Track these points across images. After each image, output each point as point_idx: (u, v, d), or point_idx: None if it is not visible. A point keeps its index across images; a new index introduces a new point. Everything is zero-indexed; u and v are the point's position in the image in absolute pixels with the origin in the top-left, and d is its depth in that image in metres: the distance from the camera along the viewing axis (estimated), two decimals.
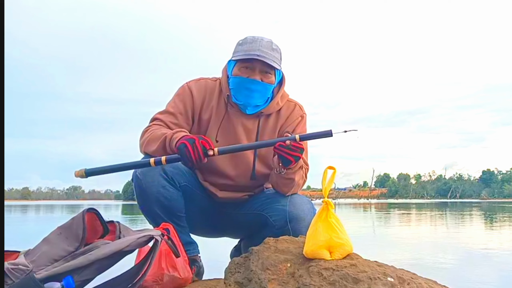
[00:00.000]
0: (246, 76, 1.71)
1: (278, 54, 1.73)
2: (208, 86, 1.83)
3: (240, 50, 1.72)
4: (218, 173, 1.83)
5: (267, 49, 1.69)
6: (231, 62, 1.77)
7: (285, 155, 1.57)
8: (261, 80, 1.71)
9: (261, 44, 1.69)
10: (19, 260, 1.18)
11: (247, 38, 1.73)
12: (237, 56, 1.72)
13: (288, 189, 1.76)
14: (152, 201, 1.71)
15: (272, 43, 1.72)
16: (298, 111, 1.87)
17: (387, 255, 3.56)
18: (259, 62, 1.69)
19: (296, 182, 1.74)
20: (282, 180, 1.72)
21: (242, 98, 1.74)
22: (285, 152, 1.56)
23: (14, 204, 39.11)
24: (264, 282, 1.21)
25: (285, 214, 1.70)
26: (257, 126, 1.81)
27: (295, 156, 1.58)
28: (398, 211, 14.54)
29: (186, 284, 1.54)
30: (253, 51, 1.68)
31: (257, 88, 1.72)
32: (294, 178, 1.71)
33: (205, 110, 1.82)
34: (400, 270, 1.23)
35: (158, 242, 1.29)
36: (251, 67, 1.71)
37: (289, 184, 1.74)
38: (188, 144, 1.51)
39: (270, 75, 1.73)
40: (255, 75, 1.71)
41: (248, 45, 1.70)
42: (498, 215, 11.47)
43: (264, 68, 1.71)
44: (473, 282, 2.49)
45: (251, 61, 1.69)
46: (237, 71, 1.73)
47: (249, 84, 1.71)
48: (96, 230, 1.32)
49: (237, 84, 1.73)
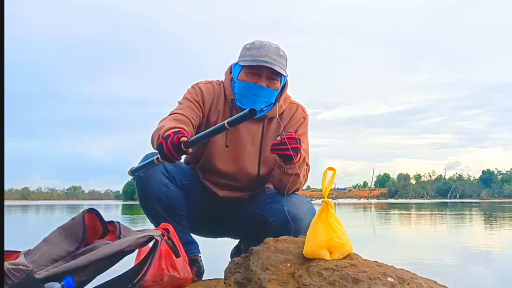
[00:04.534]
0: (253, 82, 1.71)
1: (284, 61, 1.74)
2: (215, 90, 1.84)
3: (248, 55, 1.71)
4: (219, 173, 1.84)
5: (275, 55, 1.69)
6: (237, 66, 1.76)
7: (284, 152, 1.56)
8: (267, 87, 1.71)
9: (269, 50, 1.69)
10: (19, 260, 1.18)
11: (254, 43, 1.73)
12: (244, 61, 1.72)
13: (293, 185, 1.74)
14: (153, 199, 1.72)
15: (280, 49, 1.72)
16: (301, 113, 1.88)
17: (387, 255, 3.55)
18: (267, 69, 1.68)
19: (301, 177, 1.72)
20: (287, 177, 1.70)
21: (248, 103, 1.73)
22: (282, 150, 1.56)
23: (14, 204, 39.11)
24: (264, 282, 1.21)
25: (285, 214, 1.70)
26: (261, 129, 1.82)
27: (294, 148, 1.56)
28: (398, 211, 14.54)
29: (186, 284, 1.55)
30: (261, 57, 1.67)
31: (263, 94, 1.72)
32: (299, 173, 1.69)
33: (213, 112, 1.82)
34: (400, 270, 1.23)
35: (158, 242, 1.29)
36: (258, 73, 1.70)
37: (295, 181, 1.72)
38: (164, 143, 1.46)
39: (277, 82, 1.73)
40: (262, 81, 1.70)
41: (256, 50, 1.70)
42: (498, 215, 11.48)
43: (271, 75, 1.71)
44: (473, 282, 2.50)
45: (259, 68, 1.69)
46: (244, 76, 1.72)
47: (256, 90, 1.71)
48: (96, 230, 1.32)
49: (243, 89, 1.73)
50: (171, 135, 1.47)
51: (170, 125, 1.59)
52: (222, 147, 1.81)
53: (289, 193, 1.76)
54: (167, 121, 1.66)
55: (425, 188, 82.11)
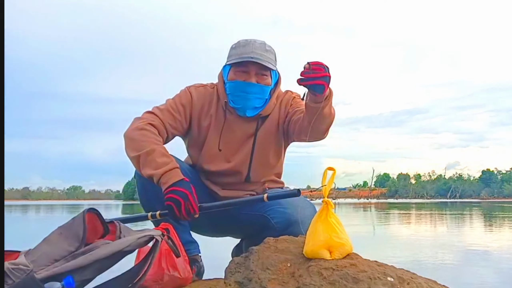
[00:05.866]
0: (242, 80, 1.71)
1: (272, 55, 1.74)
2: (207, 93, 1.83)
3: (234, 54, 1.72)
4: (216, 173, 1.84)
5: (260, 50, 1.69)
6: (226, 67, 1.77)
7: (313, 82, 1.38)
8: (257, 82, 1.71)
9: (254, 46, 1.69)
10: (20, 260, 1.18)
11: (239, 41, 1.74)
12: (231, 60, 1.73)
13: (326, 126, 1.64)
14: (153, 198, 1.71)
15: (266, 44, 1.73)
16: (289, 95, 1.87)
17: (387, 255, 3.56)
18: (254, 65, 1.69)
19: (333, 113, 1.62)
20: (320, 118, 1.55)
21: (240, 101, 1.74)
22: (311, 79, 1.38)
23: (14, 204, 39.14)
24: (264, 282, 1.21)
25: (287, 217, 1.70)
26: (255, 128, 1.82)
27: (323, 77, 1.37)
28: (398, 211, 14.54)
29: (186, 284, 1.54)
30: (246, 53, 1.68)
31: (253, 90, 1.72)
32: (331, 109, 1.59)
33: (204, 117, 1.82)
34: (400, 270, 1.24)
35: (158, 242, 1.29)
36: (246, 70, 1.71)
37: (327, 119, 1.59)
38: (175, 207, 1.56)
39: (266, 77, 1.73)
40: (251, 77, 1.71)
41: (241, 48, 1.70)
42: (498, 215, 11.48)
43: (260, 70, 1.71)
44: (473, 282, 2.50)
45: (245, 64, 1.69)
46: (233, 75, 1.73)
47: (246, 87, 1.71)
48: (97, 230, 1.32)
49: (233, 89, 1.73)
50: (182, 202, 1.54)
51: (162, 158, 1.61)
52: (216, 151, 1.81)
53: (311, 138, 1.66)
54: (149, 135, 1.65)
55: (425, 188, 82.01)
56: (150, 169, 1.61)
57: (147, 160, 1.62)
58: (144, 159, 1.62)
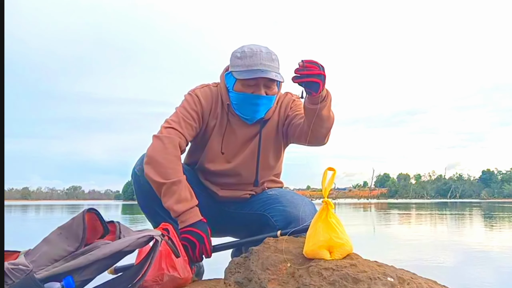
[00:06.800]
0: (251, 92, 1.69)
1: (277, 63, 1.71)
2: (212, 93, 1.82)
3: (241, 65, 1.67)
4: (217, 174, 1.84)
5: (268, 61, 1.66)
6: (231, 76, 1.73)
7: (307, 80, 1.39)
8: (266, 94, 1.70)
9: (261, 57, 1.65)
10: (19, 260, 1.18)
11: (244, 51, 1.68)
12: (239, 73, 1.68)
13: (326, 130, 1.65)
14: (151, 199, 1.71)
15: (271, 53, 1.68)
16: (289, 97, 1.88)
17: (387, 255, 3.56)
18: (263, 77, 1.66)
19: (332, 116, 1.63)
20: (318, 120, 1.57)
21: (249, 113, 1.74)
22: (305, 76, 1.39)
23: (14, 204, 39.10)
24: (264, 282, 1.21)
25: (287, 215, 1.70)
26: (258, 132, 1.82)
27: (316, 75, 1.38)
28: (398, 211, 14.54)
29: (186, 284, 1.54)
30: (255, 65, 1.64)
31: (262, 102, 1.72)
32: (330, 112, 1.59)
33: (212, 117, 1.81)
34: (400, 270, 1.24)
35: (158, 243, 1.29)
36: (256, 84, 1.68)
37: (326, 122, 1.60)
38: (190, 248, 1.58)
39: (274, 87, 1.73)
40: (260, 90, 1.69)
41: (248, 59, 1.66)
42: (498, 215, 11.47)
43: (268, 82, 1.69)
44: (473, 282, 2.50)
45: (255, 79, 1.66)
46: (240, 87, 1.70)
47: (256, 100, 1.70)
48: (96, 230, 1.32)
49: (242, 100, 1.72)
50: (206, 242, 1.58)
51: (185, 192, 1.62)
52: (218, 153, 1.81)
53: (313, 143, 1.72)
54: (175, 161, 1.65)
55: (425, 188, 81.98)
56: (172, 202, 1.60)
57: (170, 190, 1.60)
58: (167, 189, 1.60)
